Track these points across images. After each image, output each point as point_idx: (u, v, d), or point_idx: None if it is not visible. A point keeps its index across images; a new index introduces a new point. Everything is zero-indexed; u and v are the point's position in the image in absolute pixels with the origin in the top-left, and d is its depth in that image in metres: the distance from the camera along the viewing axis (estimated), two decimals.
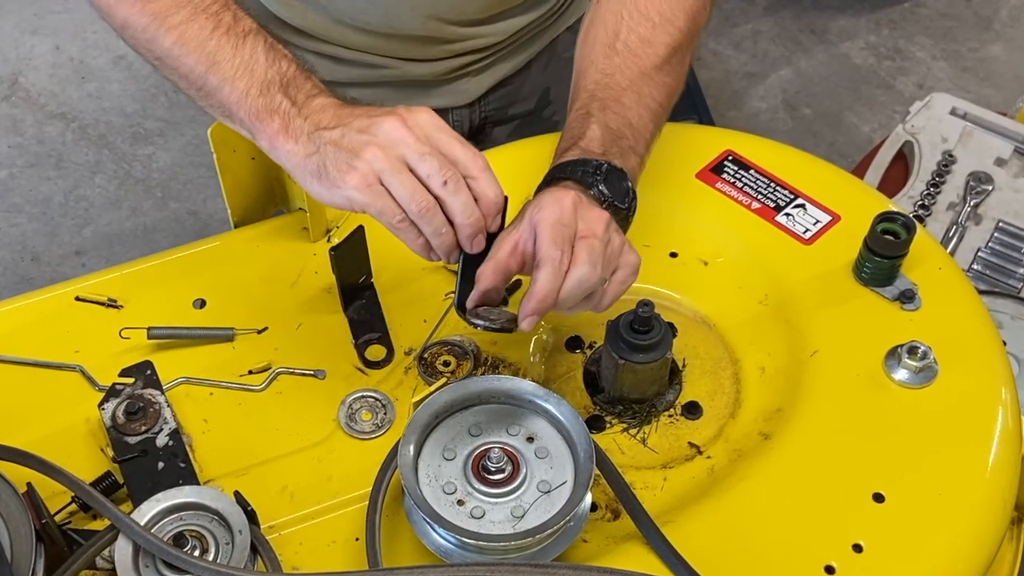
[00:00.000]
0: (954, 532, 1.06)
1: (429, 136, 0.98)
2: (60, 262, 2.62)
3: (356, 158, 0.97)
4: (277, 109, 1.02)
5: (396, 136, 0.97)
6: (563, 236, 1.00)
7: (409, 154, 0.97)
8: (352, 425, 1.13)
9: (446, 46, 1.42)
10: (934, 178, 1.88)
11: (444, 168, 0.97)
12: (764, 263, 1.25)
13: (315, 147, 1.00)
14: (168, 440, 1.08)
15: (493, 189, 1.00)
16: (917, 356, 1.13)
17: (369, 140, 0.97)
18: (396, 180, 0.96)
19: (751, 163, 1.33)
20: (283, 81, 1.04)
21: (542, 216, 1.01)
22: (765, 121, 2.88)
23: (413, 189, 0.97)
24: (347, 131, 0.98)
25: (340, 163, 0.98)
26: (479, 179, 0.99)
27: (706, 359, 1.20)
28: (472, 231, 1.00)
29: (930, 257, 1.24)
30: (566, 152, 1.12)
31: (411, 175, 0.97)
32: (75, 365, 1.16)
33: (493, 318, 1.04)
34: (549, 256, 1.00)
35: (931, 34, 3.06)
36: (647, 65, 1.19)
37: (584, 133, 1.13)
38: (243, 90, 1.04)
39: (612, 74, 1.17)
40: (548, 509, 0.99)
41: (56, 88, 2.94)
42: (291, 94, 1.03)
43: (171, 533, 0.97)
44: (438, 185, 0.97)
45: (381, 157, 0.96)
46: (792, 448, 1.10)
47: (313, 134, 1.00)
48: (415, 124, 0.98)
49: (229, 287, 1.24)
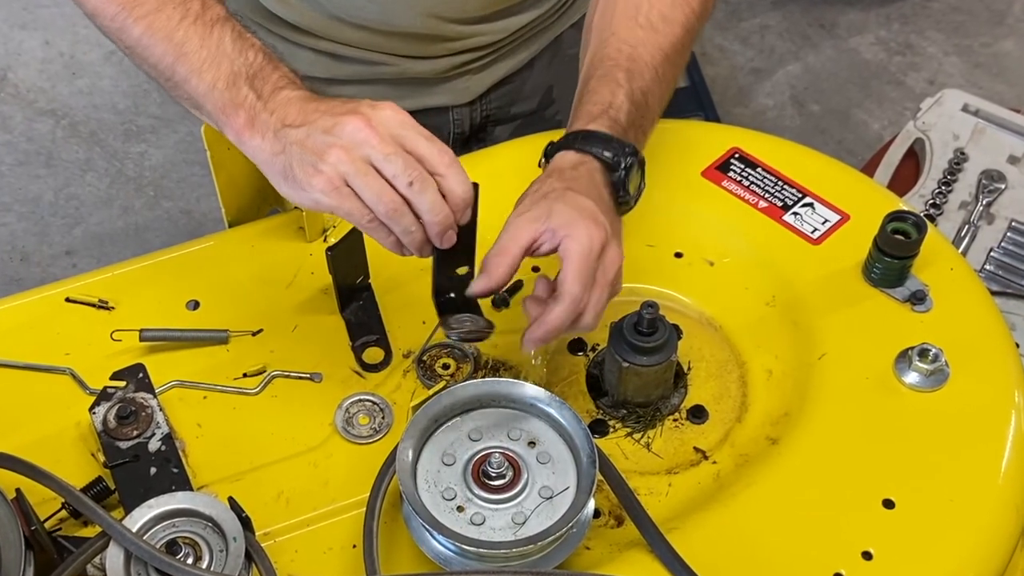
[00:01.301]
0: (966, 539, 1.06)
1: (394, 134, 0.98)
2: (50, 262, 2.62)
3: (321, 161, 0.98)
4: (243, 103, 1.03)
5: (360, 137, 0.97)
6: (588, 274, 1.03)
7: (374, 155, 0.97)
8: (349, 429, 1.13)
9: (446, 44, 1.42)
10: (946, 176, 1.88)
11: (409, 168, 0.98)
12: (771, 263, 1.25)
13: (281, 146, 1.00)
14: (161, 445, 1.08)
15: (460, 185, 1.00)
16: (928, 359, 1.13)
17: (333, 142, 0.98)
18: (362, 182, 0.97)
19: (758, 161, 1.33)
20: (249, 73, 1.04)
21: (572, 246, 1.02)
22: (772, 118, 2.88)
23: (380, 191, 0.97)
24: (312, 131, 0.99)
25: (306, 165, 0.98)
26: (446, 176, 0.99)
27: (712, 362, 1.20)
28: (441, 228, 1.00)
29: (941, 257, 1.24)
30: (595, 118, 1.13)
31: (377, 176, 0.97)
32: (65, 368, 1.16)
33: (467, 328, 1.06)
34: (571, 294, 1.02)
35: (943, 29, 3.06)
36: (666, 44, 1.20)
37: (613, 101, 1.14)
38: (210, 82, 1.04)
39: (635, 47, 1.18)
40: (550, 516, 0.99)
41: (46, 84, 2.94)
42: (257, 87, 1.03)
43: (164, 540, 0.97)
44: (404, 185, 0.98)
45: (345, 159, 0.97)
46: (800, 453, 1.10)
47: (279, 131, 1.01)
48: (379, 122, 0.98)
49: (223, 288, 1.24)
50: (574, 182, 1.08)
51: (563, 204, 1.05)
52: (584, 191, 1.07)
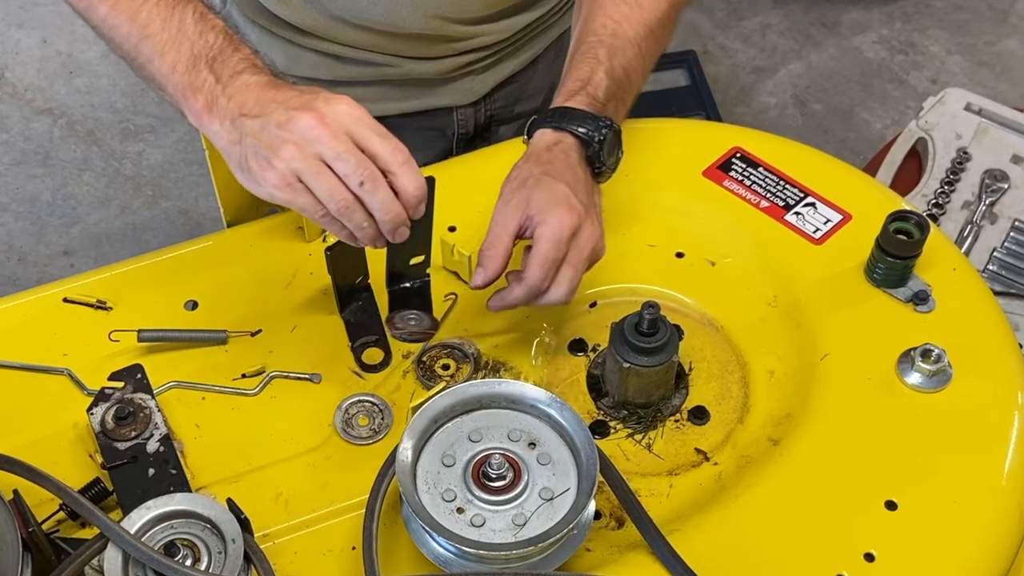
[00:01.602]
0: (969, 541, 1.05)
1: (348, 130, 0.99)
2: (47, 262, 2.62)
3: (275, 156, 0.99)
4: (202, 87, 1.04)
5: (312, 135, 0.98)
6: (552, 260, 1.08)
7: (326, 152, 0.98)
8: (348, 430, 1.13)
9: (450, 44, 1.42)
10: (948, 176, 1.88)
11: (361, 167, 0.98)
12: (773, 264, 1.25)
13: (238, 135, 1.02)
14: (159, 446, 1.08)
15: (412, 183, 1.01)
16: (931, 359, 1.13)
17: (286, 137, 0.99)
18: (315, 180, 0.98)
19: (760, 160, 1.33)
20: (209, 55, 1.05)
21: (543, 233, 1.08)
22: (774, 117, 2.88)
23: (331, 188, 0.99)
24: (266, 124, 1.00)
25: (260, 159, 1.00)
26: (398, 174, 1.00)
27: (713, 362, 1.20)
28: (392, 226, 1.02)
29: (944, 257, 1.24)
30: (574, 95, 1.17)
31: (329, 173, 0.98)
32: (63, 368, 1.16)
33: (411, 327, 1.10)
34: (531, 279, 1.09)
35: (945, 27, 3.06)
36: (651, 19, 1.24)
37: (591, 77, 1.18)
38: (171, 64, 1.06)
39: (620, 22, 1.22)
40: (551, 517, 0.99)
41: (43, 83, 2.94)
42: (216, 70, 1.04)
43: (162, 542, 0.97)
44: (355, 185, 0.99)
45: (298, 156, 0.98)
46: (802, 454, 1.10)
47: (236, 120, 1.02)
48: (333, 118, 0.99)
49: (222, 288, 1.24)
50: (550, 165, 1.12)
51: (539, 191, 1.09)
52: (559, 174, 1.11)
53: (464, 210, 1.25)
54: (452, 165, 1.40)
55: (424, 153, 1.53)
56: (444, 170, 1.33)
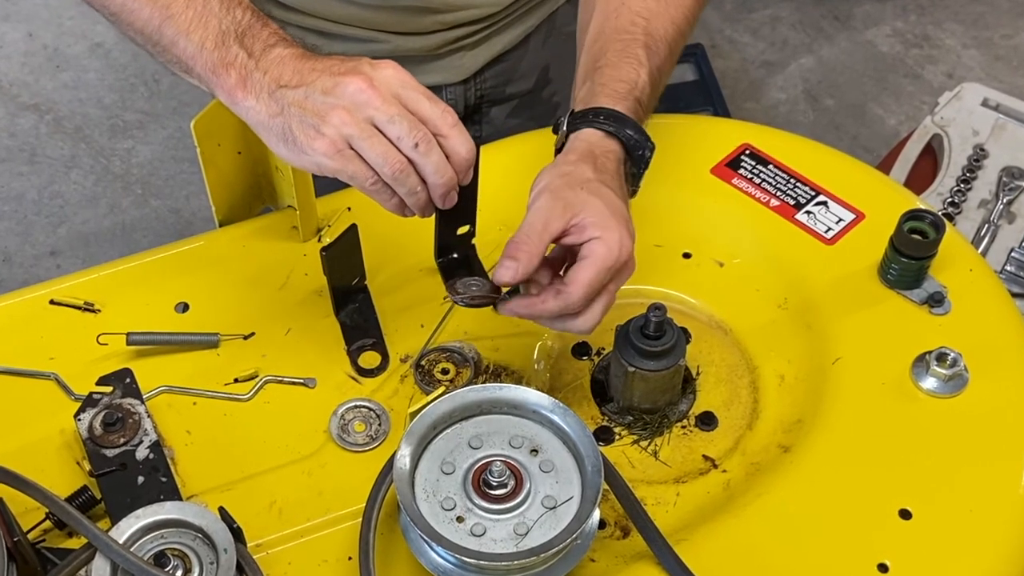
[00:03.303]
0: (986, 551, 1.06)
1: (397, 94, 1.00)
2: (33, 263, 2.62)
3: (323, 123, 0.99)
4: (233, 62, 1.04)
5: (362, 98, 0.99)
6: (600, 284, 1.04)
7: (378, 116, 0.99)
8: (345, 437, 1.13)
9: (438, 16, 1.42)
10: (965, 174, 1.88)
11: (414, 129, 0.99)
12: (783, 264, 1.25)
13: (279, 107, 1.02)
14: (148, 453, 1.08)
15: (464, 145, 1.02)
16: (946, 363, 1.13)
17: (335, 103, 0.99)
18: (367, 144, 0.99)
19: (770, 158, 1.33)
20: (239, 31, 1.05)
21: (599, 250, 1.03)
22: (785, 113, 2.89)
23: (385, 152, 0.99)
24: (311, 92, 1.00)
25: (307, 128, 1.00)
26: (449, 136, 1.01)
27: (721, 366, 1.20)
28: (445, 190, 1.02)
29: (960, 258, 1.24)
30: (623, 99, 1.14)
31: (381, 138, 0.99)
32: (49, 373, 1.16)
33: (474, 292, 1.07)
34: (574, 296, 1.03)
35: (961, 20, 3.06)
36: (679, 16, 1.22)
37: (637, 80, 1.16)
38: (198, 43, 1.05)
39: (649, 20, 1.20)
40: (553, 526, 0.99)
41: (29, 78, 2.94)
42: (247, 44, 1.04)
43: (152, 552, 0.97)
44: (409, 147, 0.99)
45: (349, 121, 0.99)
46: (813, 461, 1.10)
47: (275, 92, 1.02)
48: (381, 82, 0.99)
49: (213, 290, 1.24)
50: (605, 174, 1.09)
51: (599, 200, 1.05)
52: (617, 187, 1.09)
53: None
54: None
55: None
56: None
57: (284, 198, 1.29)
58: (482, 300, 1.08)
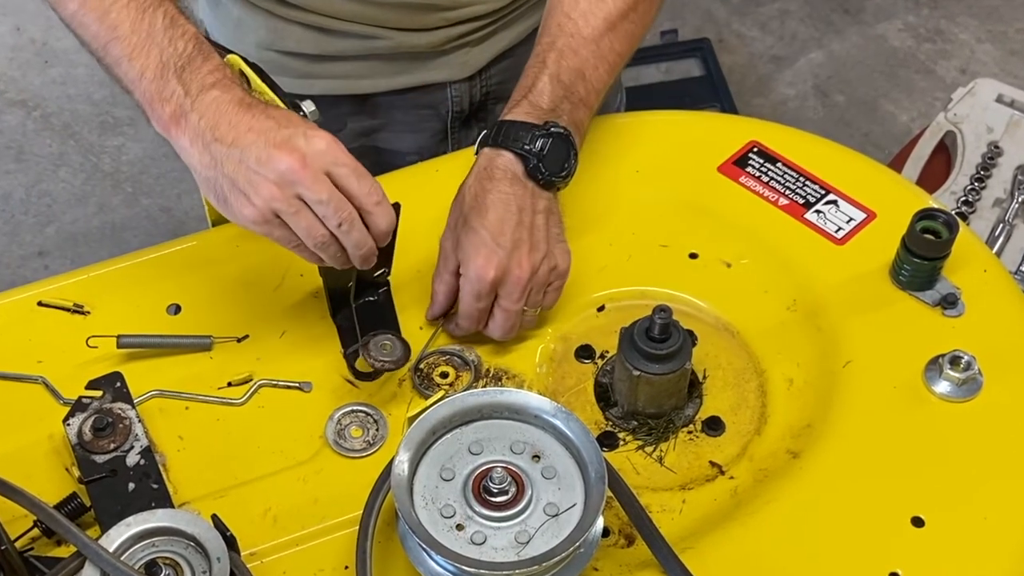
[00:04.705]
0: (1000, 560, 1.06)
1: (328, 171, 1.05)
2: (21, 264, 2.62)
3: (254, 193, 1.04)
4: (170, 98, 1.07)
5: (293, 177, 1.03)
6: (478, 310, 1.17)
7: (307, 195, 1.04)
8: (341, 442, 1.13)
9: (442, 13, 1.42)
10: (979, 172, 1.88)
11: (339, 210, 1.05)
12: (792, 265, 1.25)
13: (212, 162, 1.06)
14: (139, 459, 1.08)
15: (385, 220, 1.08)
16: (960, 367, 1.13)
17: (266, 176, 1.03)
18: (293, 219, 1.05)
19: (778, 155, 1.33)
20: (179, 64, 1.08)
21: (464, 286, 1.17)
22: (794, 109, 2.89)
23: (309, 227, 1.05)
24: (244, 157, 1.04)
25: (237, 194, 1.05)
26: (373, 213, 1.07)
27: (729, 370, 1.21)
28: (364, 258, 1.09)
29: (974, 258, 1.24)
30: (515, 106, 1.23)
31: (308, 213, 1.05)
32: (38, 376, 1.17)
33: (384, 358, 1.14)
34: (464, 325, 1.19)
35: (975, 14, 3.06)
36: (613, 12, 1.26)
37: (534, 85, 1.23)
38: (139, 71, 1.08)
39: (576, 20, 1.25)
40: (556, 534, 0.99)
41: (16, 73, 2.94)
42: (185, 80, 1.07)
43: (143, 561, 0.98)
44: (333, 226, 1.06)
45: (279, 197, 1.04)
46: (823, 467, 1.10)
47: (210, 144, 1.05)
48: (313, 159, 1.04)
49: (206, 291, 1.24)
50: (480, 199, 1.17)
51: (465, 234, 1.17)
52: (485, 211, 1.16)
53: None
54: (450, 160, 1.40)
55: (418, 133, 1.54)
56: (442, 165, 1.34)
57: None
58: (392, 365, 1.14)
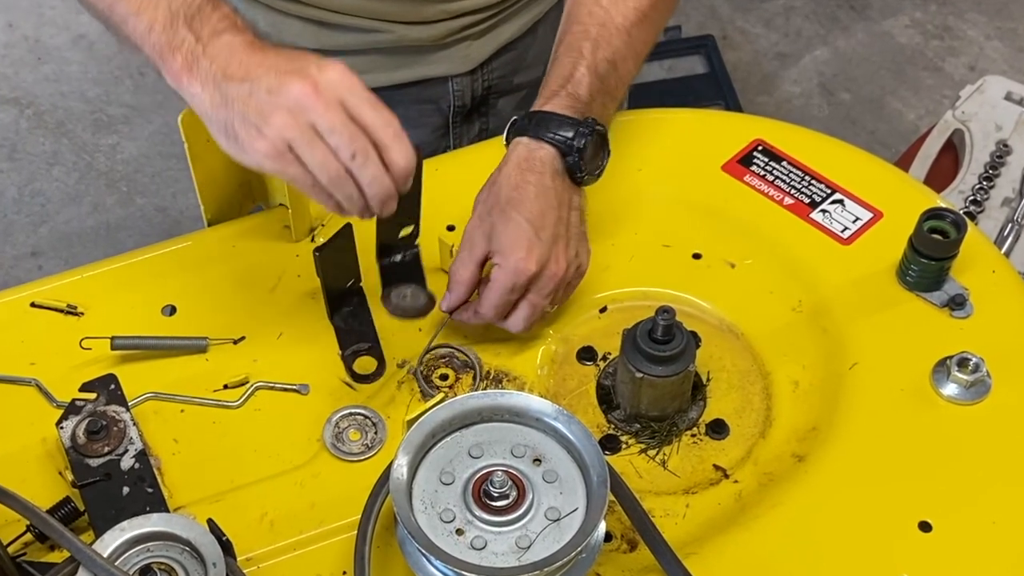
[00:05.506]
0: (1009, 565, 1.06)
1: (341, 99, 1.02)
2: (13, 264, 2.62)
3: (265, 124, 1.01)
4: (180, 46, 1.06)
5: (305, 103, 1.01)
6: (507, 303, 1.16)
7: (319, 123, 1.01)
8: (339, 446, 1.13)
9: (443, 6, 1.42)
10: (987, 170, 1.88)
11: (353, 140, 1.02)
12: (798, 265, 1.25)
13: (223, 100, 1.04)
14: (134, 462, 1.08)
15: (403, 156, 1.04)
16: (968, 369, 1.13)
17: (278, 104, 1.01)
18: (306, 151, 1.02)
19: (783, 154, 1.34)
20: (188, 13, 1.07)
21: (499, 277, 1.14)
22: (799, 107, 2.89)
23: (323, 160, 1.02)
24: (255, 89, 1.02)
25: (249, 127, 1.02)
26: (390, 147, 1.04)
27: (733, 372, 1.21)
28: (380, 199, 1.05)
29: (983, 258, 1.24)
30: (554, 96, 1.21)
31: (321, 144, 1.02)
32: (30, 379, 1.17)
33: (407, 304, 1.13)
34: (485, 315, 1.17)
35: (984, 10, 3.06)
36: (644, 1, 1.26)
37: (572, 74, 1.22)
38: (148, 24, 1.08)
39: (607, 7, 1.26)
40: (557, 539, 0.99)
41: (8, 70, 2.94)
42: (196, 28, 1.07)
43: (137, 566, 0.97)
44: (347, 158, 1.02)
45: (291, 125, 1.01)
46: (829, 471, 1.10)
47: (220, 84, 1.04)
48: (326, 86, 1.02)
49: (202, 292, 1.24)
50: (520, 189, 1.16)
51: (503, 225, 1.15)
52: (527, 201, 1.15)
53: (463, 208, 1.25)
54: (451, 159, 1.40)
55: (419, 129, 1.53)
56: (442, 163, 1.34)
57: (275, 196, 1.29)
58: (415, 312, 1.14)
